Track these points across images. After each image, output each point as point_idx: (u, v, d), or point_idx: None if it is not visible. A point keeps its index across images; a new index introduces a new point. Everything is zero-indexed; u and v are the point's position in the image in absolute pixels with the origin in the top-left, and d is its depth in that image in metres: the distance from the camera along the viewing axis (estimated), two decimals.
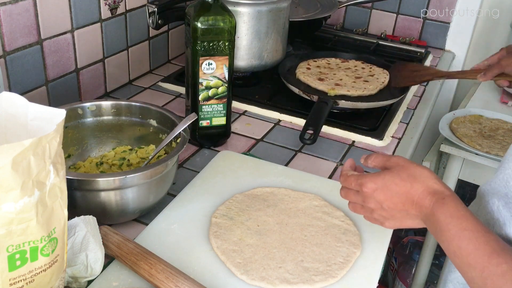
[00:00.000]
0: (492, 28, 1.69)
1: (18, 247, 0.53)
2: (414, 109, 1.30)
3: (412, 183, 0.66)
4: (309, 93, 1.18)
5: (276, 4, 1.24)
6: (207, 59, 0.96)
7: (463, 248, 0.59)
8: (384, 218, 0.70)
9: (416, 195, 0.65)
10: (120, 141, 0.95)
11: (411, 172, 0.67)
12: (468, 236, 0.59)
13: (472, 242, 0.59)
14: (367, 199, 0.70)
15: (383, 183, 0.68)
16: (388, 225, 0.71)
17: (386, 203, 0.68)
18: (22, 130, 0.59)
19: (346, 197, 0.74)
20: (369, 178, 0.69)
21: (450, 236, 0.61)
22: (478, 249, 0.58)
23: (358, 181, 0.70)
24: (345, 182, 0.73)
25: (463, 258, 0.59)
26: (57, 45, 1.06)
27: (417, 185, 0.65)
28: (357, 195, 0.72)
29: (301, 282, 0.72)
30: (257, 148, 1.08)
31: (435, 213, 0.63)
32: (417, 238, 1.82)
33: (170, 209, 0.85)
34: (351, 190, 0.73)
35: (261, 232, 0.81)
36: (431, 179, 0.66)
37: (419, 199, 0.65)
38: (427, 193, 0.65)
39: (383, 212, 0.69)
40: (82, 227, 0.70)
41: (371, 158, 0.73)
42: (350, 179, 0.72)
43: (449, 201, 0.63)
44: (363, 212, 0.73)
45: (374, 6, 1.74)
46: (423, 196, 0.65)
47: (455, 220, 0.61)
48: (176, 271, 0.69)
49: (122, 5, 1.20)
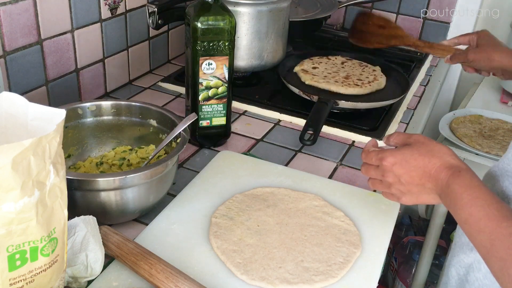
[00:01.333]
0: (492, 28, 1.69)
1: (18, 247, 0.53)
2: (414, 109, 1.30)
3: (430, 158, 0.68)
4: (309, 93, 1.18)
5: (276, 4, 1.24)
6: (207, 59, 0.96)
7: (474, 215, 0.61)
8: (401, 193, 0.73)
9: (433, 169, 0.68)
10: (120, 141, 0.95)
11: (430, 148, 0.70)
12: (480, 203, 0.61)
13: (484, 209, 0.60)
14: (386, 173, 0.72)
15: (402, 157, 0.70)
16: (404, 200, 0.73)
17: (404, 177, 0.70)
18: (22, 130, 0.59)
19: (366, 173, 0.77)
20: (389, 152, 0.72)
21: (463, 204, 0.62)
22: (489, 214, 0.60)
23: (378, 156, 0.73)
24: (366, 158, 0.76)
25: (473, 224, 0.61)
26: (57, 45, 1.06)
27: (435, 159, 0.68)
28: (377, 170, 0.74)
29: (301, 282, 0.72)
30: (257, 148, 1.08)
31: (450, 185, 0.65)
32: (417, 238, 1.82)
33: (170, 209, 0.85)
34: (371, 165, 0.75)
35: (261, 232, 0.81)
36: (448, 155, 0.68)
37: (435, 173, 0.67)
38: (444, 167, 0.67)
39: (400, 186, 0.72)
40: (82, 227, 0.70)
41: (393, 136, 0.77)
42: (371, 154, 0.75)
43: (464, 173, 0.65)
44: (381, 187, 0.76)
45: (374, 6, 1.74)
46: (439, 170, 0.67)
47: (469, 190, 0.63)
48: (176, 271, 0.69)
49: (122, 5, 1.20)
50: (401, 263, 1.77)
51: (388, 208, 0.88)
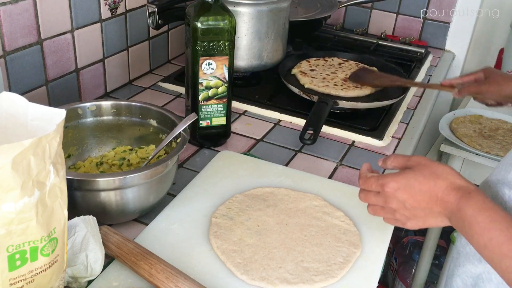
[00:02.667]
0: (492, 28, 1.70)
1: (18, 247, 0.53)
2: (414, 109, 1.30)
3: (435, 180, 0.66)
4: (309, 93, 1.18)
5: (276, 4, 1.24)
6: (207, 59, 0.96)
7: (494, 239, 0.59)
8: (407, 218, 0.70)
9: (440, 191, 0.65)
10: (120, 141, 0.95)
11: (433, 169, 0.67)
12: (499, 227, 0.59)
13: (504, 233, 0.58)
14: (389, 200, 0.69)
15: (405, 182, 0.67)
16: (410, 225, 0.70)
17: (409, 202, 0.68)
18: (22, 130, 0.59)
19: (366, 200, 0.74)
20: (391, 178, 0.69)
21: (480, 228, 0.60)
22: (511, 238, 0.58)
23: (379, 182, 0.70)
24: (365, 184, 0.72)
25: (495, 249, 0.59)
26: (57, 45, 1.06)
27: (441, 182, 0.65)
28: (378, 197, 0.71)
29: (301, 282, 0.72)
30: (257, 148, 1.08)
31: (461, 208, 0.63)
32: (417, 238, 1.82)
33: (170, 209, 0.85)
34: (371, 192, 0.72)
35: (261, 232, 0.81)
36: (453, 176, 0.66)
37: (443, 196, 0.65)
38: (451, 189, 0.64)
39: (405, 211, 0.69)
40: (82, 227, 0.70)
41: (391, 159, 0.73)
42: (370, 180, 0.71)
43: (475, 195, 0.63)
44: (383, 214, 0.72)
45: (374, 6, 1.74)
46: (447, 193, 0.64)
47: (484, 213, 0.61)
48: (176, 271, 0.69)
49: (122, 5, 1.20)
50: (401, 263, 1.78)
51: None
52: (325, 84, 1.24)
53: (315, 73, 1.30)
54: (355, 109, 1.19)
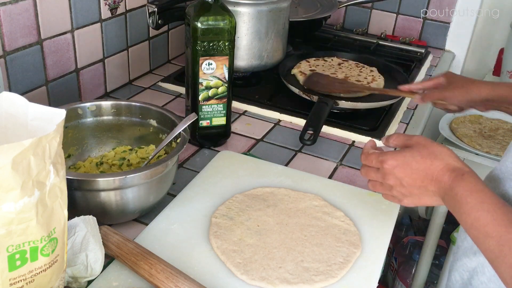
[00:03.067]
0: (492, 28, 1.70)
1: (18, 247, 0.53)
2: (414, 109, 1.30)
3: (432, 160, 0.68)
4: (309, 93, 1.18)
5: (276, 4, 1.24)
6: (207, 59, 0.96)
7: (481, 219, 0.60)
8: (403, 195, 0.72)
9: (436, 171, 0.67)
10: (120, 141, 0.95)
11: (431, 150, 0.69)
12: (486, 208, 0.61)
13: (490, 213, 0.60)
14: (387, 176, 0.72)
15: (403, 160, 0.70)
16: (406, 202, 0.73)
17: (405, 180, 0.70)
18: (22, 130, 0.59)
19: (366, 175, 0.76)
20: (390, 155, 0.71)
21: (469, 208, 0.62)
22: (496, 219, 0.59)
23: (379, 158, 0.72)
24: (366, 160, 0.75)
25: (480, 229, 0.60)
26: (57, 45, 1.06)
27: (437, 162, 0.67)
28: (377, 173, 0.73)
29: (301, 282, 0.72)
30: (257, 148, 1.08)
31: (453, 188, 0.64)
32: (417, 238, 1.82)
33: (170, 209, 0.85)
34: (371, 168, 0.75)
35: (261, 232, 0.81)
36: (451, 157, 0.68)
37: (438, 175, 0.67)
38: (447, 170, 0.66)
39: (402, 189, 0.71)
40: (82, 227, 0.70)
41: (393, 138, 0.76)
42: (371, 156, 0.74)
43: (468, 176, 0.64)
44: (382, 190, 0.75)
45: (374, 6, 1.74)
46: (442, 173, 0.66)
47: (474, 194, 0.62)
48: (176, 271, 0.69)
49: (122, 5, 1.20)
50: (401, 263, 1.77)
51: (388, 208, 0.88)
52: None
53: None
54: (355, 109, 1.19)
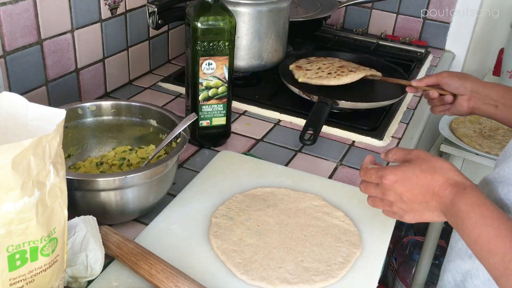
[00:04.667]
0: (492, 28, 1.69)
1: (18, 247, 0.53)
2: (414, 109, 1.30)
3: (432, 175, 0.66)
4: (309, 93, 1.18)
5: (276, 4, 1.24)
6: (207, 59, 0.96)
7: (484, 235, 0.59)
8: (404, 211, 0.71)
9: (437, 186, 0.66)
10: (120, 141, 0.95)
11: (431, 164, 0.68)
12: (490, 223, 0.60)
13: (494, 229, 0.59)
14: (387, 192, 0.70)
15: (403, 175, 0.68)
16: (407, 218, 0.71)
17: (406, 195, 0.68)
18: (22, 130, 0.59)
19: (365, 191, 0.75)
20: (390, 170, 0.70)
21: (471, 224, 0.61)
22: (500, 235, 0.58)
23: (378, 173, 0.71)
24: (365, 176, 0.73)
25: (484, 245, 0.59)
26: (57, 45, 1.06)
27: (438, 176, 0.66)
28: (377, 188, 0.72)
29: (301, 282, 0.72)
30: (257, 148, 1.08)
31: (455, 203, 0.63)
32: (417, 238, 1.82)
33: (170, 209, 0.85)
34: (370, 183, 0.73)
35: (261, 232, 0.81)
36: (451, 171, 0.67)
37: (439, 190, 0.65)
38: (448, 185, 0.65)
39: (402, 204, 0.70)
40: (82, 227, 0.70)
41: (392, 152, 0.74)
42: (370, 172, 0.72)
43: (470, 191, 0.63)
44: (382, 206, 0.73)
45: (374, 6, 1.74)
46: (443, 188, 0.65)
47: (476, 209, 0.61)
48: (176, 271, 0.69)
49: (122, 5, 1.20)
50: (401, 263, 1.77)
51: None
52: (318, 75, 1.23)
53: (310, 66, 1.29)
54: (355, 109, 1.19)
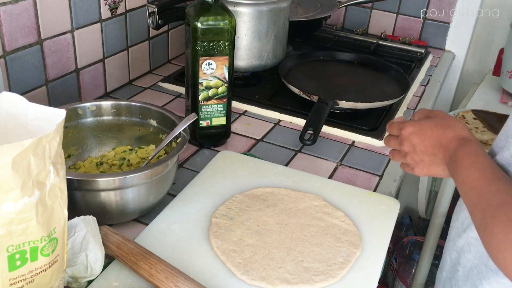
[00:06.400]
0: (492, 28, 1.69)
1: (18, 247, 0.53)
2: (414, 109, 1.30)
3: (444, 129, 0.73)
4: (309, 93, 1.18)
5: (276, 4, 1.24)
6: (207, 59, 0.96)
7: (470, 175, 0.65)
8: (415, 163, 0.77)
9: (446, 139, 0.72)
10: (120, 141, 0.95)
11: (447, 121, 0.74)
12: (478, 166, 0.65)
13: (480, 171, 0.64)
14: (403, 142, 0.77)
15: (420, 127, 0.75)
16: (417, 170, 0.78)
17: (418, 146, 0.75)
18: (22, 130, 0.59)
19: (387, 143, 0.82)
20: (409, 123, 0.77)
21: (463, 166, 0.67)
22: (483, 175, 0.63)
23: (400, 125, 0.78)
24: (389, 128, 0.81)
25: (467, 183, 0.64)
26: (57, 45, 1.06)
27: (449, 131, 0.72)
28: (396, 140, 0.79)
29: (301, 282, 0.72)
30: (257, 148, 1.08)
31: (456, 152, 0.69)
32: (417, 238, 1.82)
33: (170, 209, 0.85)
34: (392, 136, 0.80)
35: (261, 232, 0.81)
36: (462, 129, 0.72)
37: (447, 143, 0.71)
38: (455, 139, 0.71)
39: (415, 155, 0.76)
40: (82, 227, 0.70)
41: (418, 113, 0.81)
42: (394, 124, 0.80)
43: (472, 144, 0.69)
44: (398, 158, 0.80)
45: (374, 6, 1.74)
46: (451, 141, 0.71)
47: (472, 156, 0.67)
48: (176, 271, 0.69)
49: (122, 5, 1.20)
50: (401, 263, 1.77)
51: (388, 208, 0.88)
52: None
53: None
54: (355, 109, 1.19)
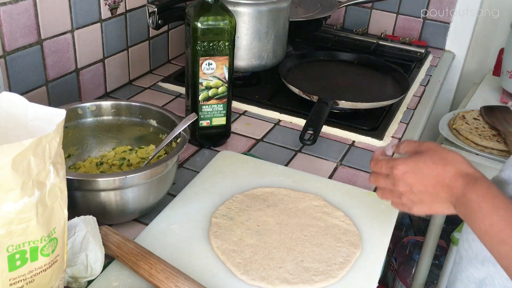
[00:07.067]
0: (492, 28, 1.69)
1: (18, 247, 0.53)
2: (414, 109, 1.30)
3: (444, 166, 0.66)
4: (309, 93, 1.18)
5: (276, 4, 1.24)
6: (207, 59, 0.96)
7: (495, 225, 0.59)
8: (413, 203, 0.70)
9: (448, 177, 0.66)
10: (120, 141, 0.95)
11: (443, 156, 0.68)
12: (501, 213, 0.60)
13: (505, 219, 0.59)
14: (397, 182, 0.70)
15: (414, 165, 0.68)
16: (416, 210, 0.71)
17: (416, 186, 0.68)
18: (22, 130, 0.59)
19: (375, 182, 0.74)
20: (401, 160, 0.70)
21: (482, 214, 0.61)
22: (511, 225, 0.58)
23: (389, 164, 0.71)
24: (376, 167, 0.73)
25: (494, 235, 0.59)
26: (57, 45, 1.06)
27: (449, 167, 0.66)
28: (387, 179, 0.72)
29: (301, 282, 0.72)
30: (257, 148, 1.08)
31: (466, 194, 0.63)
32: (417, 238, 1.82)
33: (170, 209, 0.85)
34: (380, 174, 0.73)
35: (261, 232, 0.81)
36: (463, 163, 0.67)
37: (450, 182, 0.65)
38: (459, 176, 0.65)
39: (412, 195, 0.69)
40: (82, 227, 0.70)
41: (403, 144, 0.74)
42: (381, 162, 0.72)
43: (481, 182, 0.63)
44: (391, 197, 0.73)
45: (374, 6, 1.74)
46: (454, 179, 0.65)
47: (488, 199, 0.61)
48: (176, 271, 0.69)
49: (122, 5, 1.20)
50: (401, 263, 1.77)
51: (388, 208, 0.88)
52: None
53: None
54: (355, 109, 1.19)
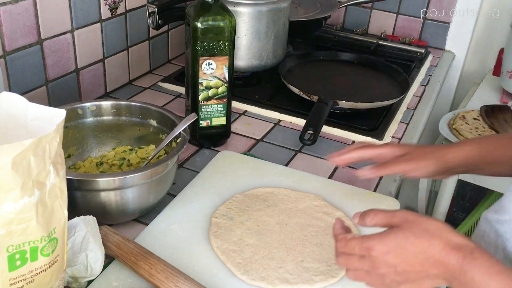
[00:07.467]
0: (492, 28, 1.69)
1: (18, 247, 0.53)
2: (414, 109, 1.30)
3: (429, 240, 0.59)
4: (309, 93, 1.18)
5: (276, 4, 1.24)
6: (207, 59, 0.96)
7: None
8: (398, 283, 0.61)
9: (437, 252, 0.58)
10: (120, 141, 0.95)
11: (425, 226, 0.60)
12: None
13: None
14: (377, 264, 0.61)
15: (395, 244, 0.60)
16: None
17: (401, 266, 0.60)
18: (22, 130, 0.59)
19: (348, 265, 0.64)
20: (378, 240, 0.61)
21: None
22: None
23: (363, 245, 0.61)
24: (346, 248, 0.63)
25: None
26: (57, 45, 1.06)
27: (436, 240, 0.59)
28: (363, 261, 0.62)
29: (301, 282, 0.72)
30: (257, 148, 1.08)
31: (467, 272, 0.57)
32: None
33: (170, 209, 0.85)
34: (353, 256, 0.63)
35: (261, 232, 0.81)
36: (448, 232, 0.59)
37: (441, 257, 0.58)
38: (450, 249, 0.58)
39: (396, 276, 0.61)
40: (82, 227, 0.70)
41: (370, 216, 0.64)
42: (352, 243, 0.62)
43: (479, 255, 0.57)
44: (369, 280, 0.63)
45: (374, 6, 1.74)
46: (445, 253, 0.58)
47: (494, 278, 0.56)
48: (176, 271, 0.69)
49: (122, 5, 1.20)
50: None
51: (388, 208, 0.88)
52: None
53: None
54: (355, 109, 1.19)
